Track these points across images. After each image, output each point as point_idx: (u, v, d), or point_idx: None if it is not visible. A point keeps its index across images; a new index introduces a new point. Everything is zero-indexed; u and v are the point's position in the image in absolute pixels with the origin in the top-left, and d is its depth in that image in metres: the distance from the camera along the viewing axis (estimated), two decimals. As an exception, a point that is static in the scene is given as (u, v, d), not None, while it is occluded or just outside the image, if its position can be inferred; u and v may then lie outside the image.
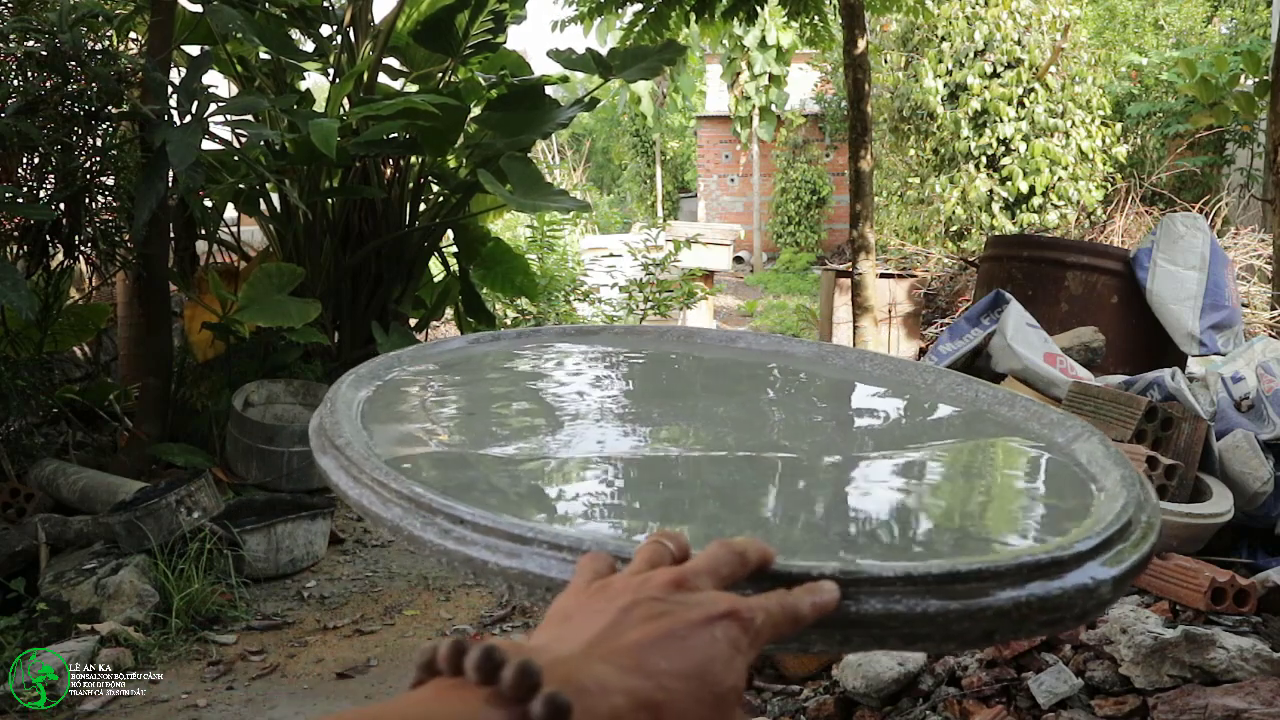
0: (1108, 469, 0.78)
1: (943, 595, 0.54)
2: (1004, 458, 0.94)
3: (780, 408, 1.16)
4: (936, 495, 0.86)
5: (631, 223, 14.09)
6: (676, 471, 0.95)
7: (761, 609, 0.48)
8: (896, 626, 0.53)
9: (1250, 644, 1.83)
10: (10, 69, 3.30)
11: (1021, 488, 0.87)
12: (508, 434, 1.00)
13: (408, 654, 2.54)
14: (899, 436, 1.04)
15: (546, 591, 0.58)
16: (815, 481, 0.90)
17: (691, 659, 0.43)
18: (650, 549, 0.52)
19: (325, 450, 0.81)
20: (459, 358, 1.24)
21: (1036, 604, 0.55)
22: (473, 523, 0.65)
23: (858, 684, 2.03)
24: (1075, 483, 0.81)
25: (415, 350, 1.19)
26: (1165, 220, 4.54)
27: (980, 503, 0.85)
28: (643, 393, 1.24)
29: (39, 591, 2.75)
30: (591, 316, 7.01)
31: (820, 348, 1.33)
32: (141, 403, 3.76)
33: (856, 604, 0.53)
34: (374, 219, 4.25)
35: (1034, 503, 0.83)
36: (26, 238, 3.44)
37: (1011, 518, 0.81)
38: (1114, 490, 0.72)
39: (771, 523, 0.78)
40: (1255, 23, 10.32)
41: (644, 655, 0.43)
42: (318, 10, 4.14)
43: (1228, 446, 2.54)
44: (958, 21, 8.90)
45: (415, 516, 0.69)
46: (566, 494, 0.86)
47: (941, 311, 7.50)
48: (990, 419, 1.01)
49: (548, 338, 1.36)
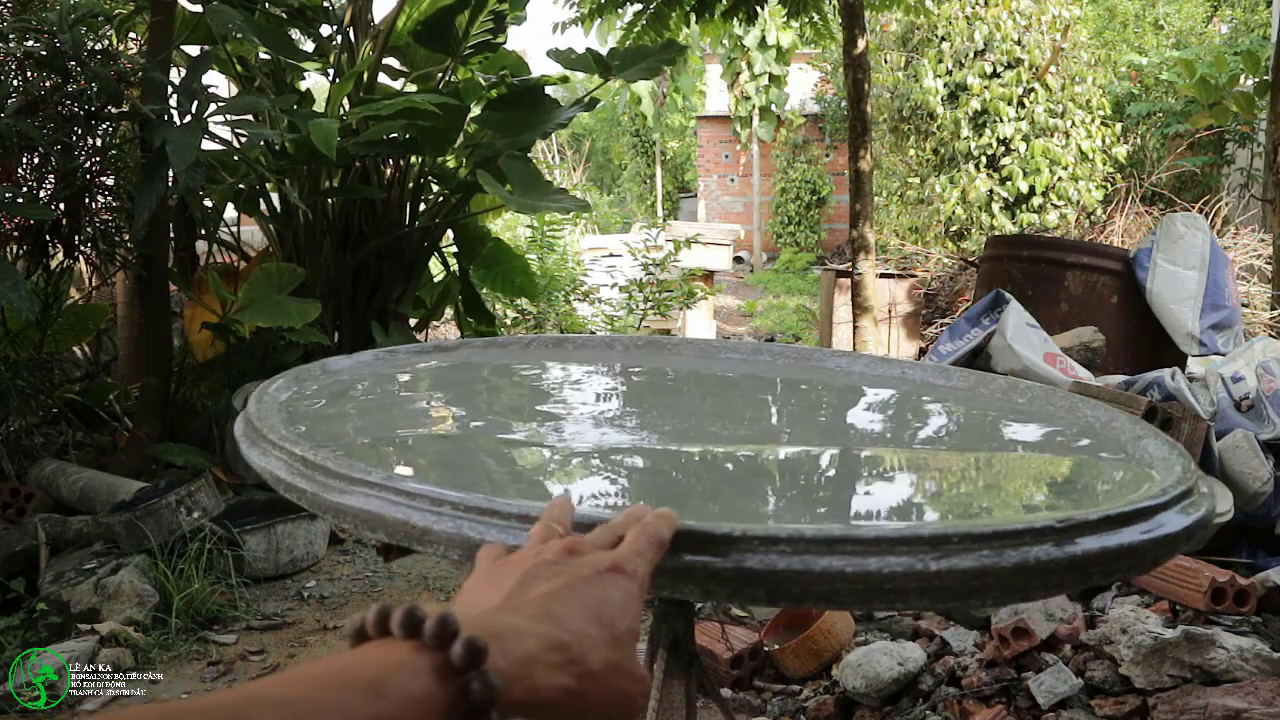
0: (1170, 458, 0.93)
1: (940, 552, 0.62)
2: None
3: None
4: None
5: (631, 223, 14.09)
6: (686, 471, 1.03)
7: (634, 555, 0.56)
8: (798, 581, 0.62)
9: (1250, 644, 1.83)
10: (10, 69, 3.30)
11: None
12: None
13: (408, 654, 2.53)
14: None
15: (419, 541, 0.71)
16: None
17: (590, 606, 0.50)
18: (541, 529, 0.59)
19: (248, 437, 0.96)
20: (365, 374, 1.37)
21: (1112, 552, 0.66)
22: (361, 479, 0.77)
23: (858, 684, 2.03)
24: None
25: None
26: (1165, 220, 4.54)
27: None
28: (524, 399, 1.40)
29: (39, 591, 2.75)
30: (591, 316, 7.01)
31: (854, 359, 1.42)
32: (141, 403, 3.76)
33: (731, 560, 0.62)
34: (374, 219, 4.25)
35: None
36: (26, 238, 3.44)
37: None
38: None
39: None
40: (1255, 23, 10.32)
41: (549, 605, 0.49)
42: (318, 10, 4.14)
43: (1228, 446, 2.54)
44: (958, 21, 8.90)
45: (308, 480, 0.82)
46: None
47: (941, 311, 7.50)
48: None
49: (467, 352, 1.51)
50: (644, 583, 0.55)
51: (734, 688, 2.22)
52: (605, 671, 0.48)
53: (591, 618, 0.50)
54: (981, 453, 1.15)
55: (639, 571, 0.55)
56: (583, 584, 0.51)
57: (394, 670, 0.41)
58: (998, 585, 0.62)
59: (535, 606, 0.49)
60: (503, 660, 0.43)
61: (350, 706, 0.39)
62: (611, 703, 0.49)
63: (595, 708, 0.48)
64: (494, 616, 0.47)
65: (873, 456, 1.14)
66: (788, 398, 1.43)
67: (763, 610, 2.64)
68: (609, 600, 0.51)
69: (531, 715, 0.45)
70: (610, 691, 0.49)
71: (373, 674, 0.40)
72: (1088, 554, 0.64)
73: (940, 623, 2.35)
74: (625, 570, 0.54)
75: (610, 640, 0.49)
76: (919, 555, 0.61)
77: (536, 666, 0.45)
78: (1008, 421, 1.19)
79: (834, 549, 0.61)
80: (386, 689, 0.40)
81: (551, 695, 0.45)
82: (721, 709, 1.16)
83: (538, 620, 0.47)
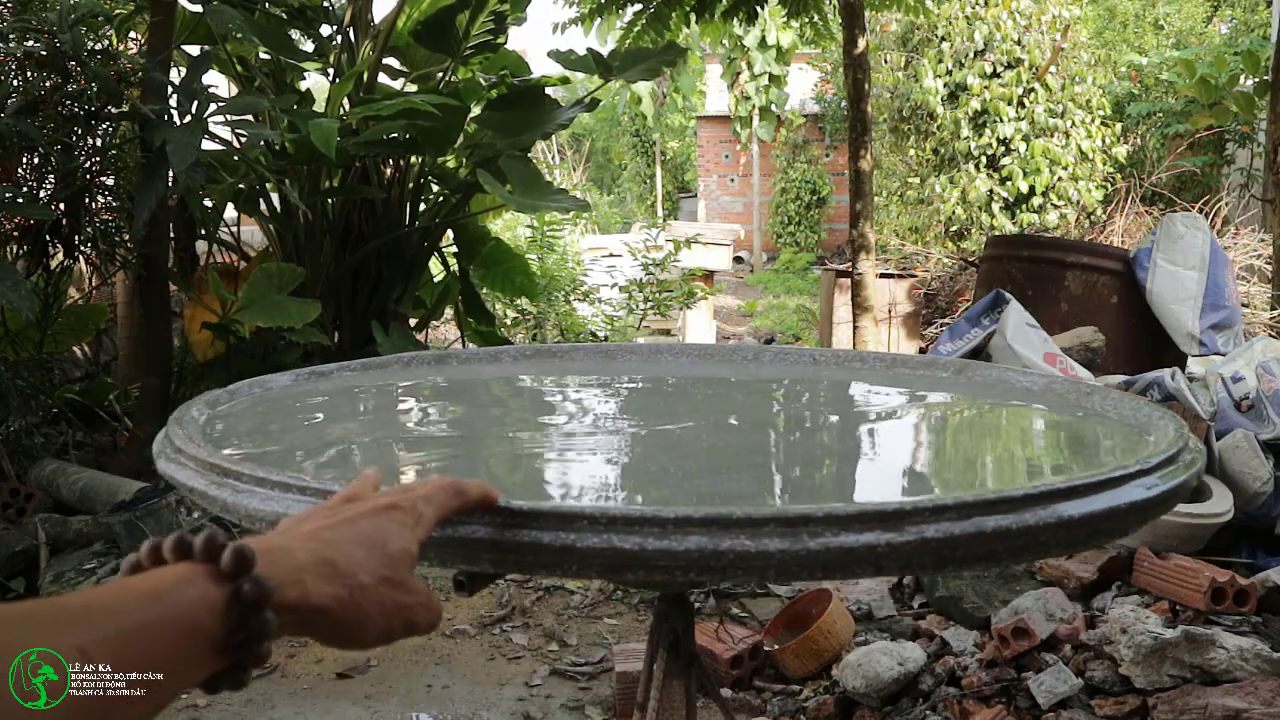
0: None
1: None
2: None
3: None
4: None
5: (631, 223, 14.09)
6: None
7: (423, 498, 0.61)
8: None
9: (1250, 644, 1.83)
10: (10, 69, 3.30)
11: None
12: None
13: (408, 654, 2.54)
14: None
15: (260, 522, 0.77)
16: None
17: (362, 533, 0.55)
18: (351, 486, 0.64)
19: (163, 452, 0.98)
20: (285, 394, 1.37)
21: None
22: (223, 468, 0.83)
23: (858, 684, 2.03)
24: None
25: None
26: (1165, 220, 4.54)
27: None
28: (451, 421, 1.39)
29: (39, 591, 2.75)
30: (591, 316, 7.01)
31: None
32: (141, 403, 3.76)
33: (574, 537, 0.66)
34: (374, 219, 4.24)
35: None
36: (26, 238, 3.43)
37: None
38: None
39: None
40: (1255, 23, 10.31)
41: (319, 533, 0.54)
42: (318, 10, 4.14)
43: (1228, 446, 2.54)
44: (958, 21, 8.90)
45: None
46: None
47: (941, 311, 7.50)
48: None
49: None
50: (424, 520, 0.60)
51: (734, 688, 2.22)
52: (375, 584, 0.53)
53: (360, 540, 0.54)
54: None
55: (419, 510, 0.60)
56: (358, 518, 0.56)
57: (171, 581, 0.45)
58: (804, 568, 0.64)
59: (306, 535, 0.54)
60: (272, 569, 0.47)
61: (129, 607, 0.43)
62: (386, 612, 0.53)
63: (370, 616, 0.52)
64: (262, 539, 0.51)
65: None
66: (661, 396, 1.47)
67: (763, 610, 2.65)
68: (381, 529, 0.56)
69: (309, 621, 0.50)
70: (384, 602, 0.53)
71: (150, 585, 0.45)
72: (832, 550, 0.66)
73: (940, 623, 2.35)
74: (402, 506, 0.59)
75: (380, 558, 0.54)
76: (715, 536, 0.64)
77: (306, 575, 0.49)
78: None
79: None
80: (164, 595, 0.44)
81: (323, 601, 0.50)
82: (721, 709, 1.16)
83: (307, 541, 0.52)
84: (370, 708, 2.28)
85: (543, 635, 2.66)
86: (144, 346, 3.79)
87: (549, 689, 2.37)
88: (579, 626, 2.71)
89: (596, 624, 2.73)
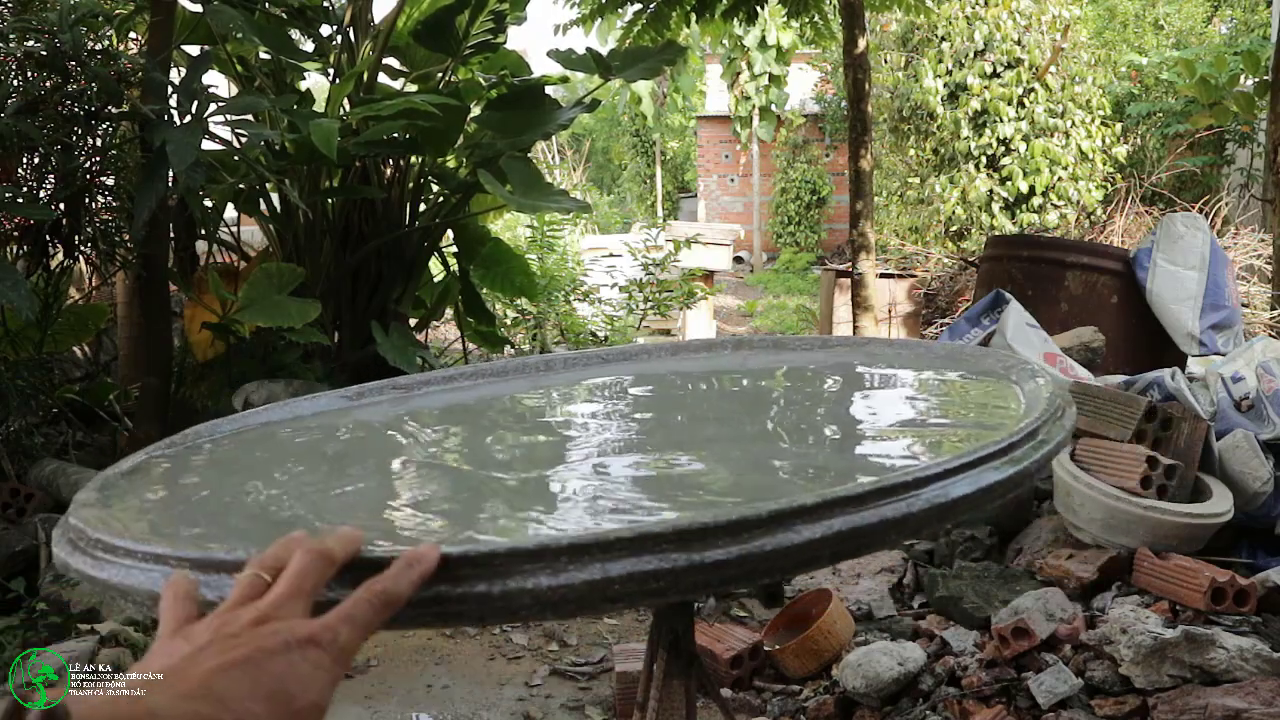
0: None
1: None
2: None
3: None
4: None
5: (631, 223, 14.09)
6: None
7: (346, 620, 0.51)
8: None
9: (1250, 644, 1.83)
10: (10, 69, 3.30)
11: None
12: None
13: (408, 654, 2.54)
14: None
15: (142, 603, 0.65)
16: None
17: (266, 682, 0.46)
18: (245, 583, 0.53)
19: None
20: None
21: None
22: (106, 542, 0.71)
23: (858, 684, 2.03)
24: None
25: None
26: (1165, 220, 4.54)
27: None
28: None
29: (39, 591, 2.75)
30: (591, 316, 7.01)
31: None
32: (141, 403, 3.76)
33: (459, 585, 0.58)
34: (374, 219, 4.24)
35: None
36: (26, 238, 3.43)
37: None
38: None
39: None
40: (1255, 23, 10.32)
41: (212, 683, 0.45)
42: (318, 10, 4.14)
43: (1228, 446, 2.53)
44: (958, 21, 8.90)
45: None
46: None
47: (941, 311, 7.50)
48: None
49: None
50: (346, 653, 0.50)
51: (734, 688, 2.22)
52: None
53: (266, 694, 0.46)
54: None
55: (340, 640, 0.50)
56: (265, 657, 0.47)
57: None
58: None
59: (195, 685, 0.46)
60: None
61: None
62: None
63: None
64: (128, 703, 0.44)
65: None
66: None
67: (763, 610, 2.65)
68: (293, 674, 0.47)
69: None
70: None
71: None
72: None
73: (940, 623, 2.35)
74: (321, 641, 0.49)
75: (288, 715, 0.46)
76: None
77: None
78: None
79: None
80: None
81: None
82: (721, 709, 1.16)
83: (193, 698, 0.45)
84: (370, 708, 2.28)
85: (543, 635, 2.66)
86: (144, 346, 3.78)
87: (549, 689, 2.37)
88: (579, 626, 2.71)
89: (596, 624, 2.73)
